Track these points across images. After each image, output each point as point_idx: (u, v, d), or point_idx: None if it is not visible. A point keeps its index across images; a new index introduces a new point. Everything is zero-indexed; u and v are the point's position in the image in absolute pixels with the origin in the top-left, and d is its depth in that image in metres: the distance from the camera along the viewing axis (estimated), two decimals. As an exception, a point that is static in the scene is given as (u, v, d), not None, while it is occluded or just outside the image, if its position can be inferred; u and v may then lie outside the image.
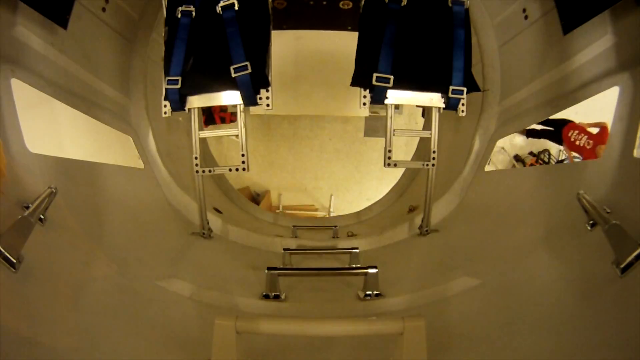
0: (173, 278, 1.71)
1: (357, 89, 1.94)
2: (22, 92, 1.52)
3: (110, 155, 2.54)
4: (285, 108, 4.66)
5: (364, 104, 1.91)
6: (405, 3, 1.89)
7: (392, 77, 1.84)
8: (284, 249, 2.06)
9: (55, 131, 3.32)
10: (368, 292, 1.64)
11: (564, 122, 3.34)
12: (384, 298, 1.63)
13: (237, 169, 2.05)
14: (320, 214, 6.14)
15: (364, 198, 5.96)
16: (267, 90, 1.95)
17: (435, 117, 2.03)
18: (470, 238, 1.96)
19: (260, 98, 1.95)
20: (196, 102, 2.00)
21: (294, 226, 2.72)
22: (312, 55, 3.90)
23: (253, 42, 1.92)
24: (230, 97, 1.96)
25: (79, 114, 1.97)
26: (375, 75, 1.84)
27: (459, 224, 2.19)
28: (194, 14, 1.99)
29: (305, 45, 3.80)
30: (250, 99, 1.92)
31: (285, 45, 3.71)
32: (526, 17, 2.12)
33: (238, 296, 1.64)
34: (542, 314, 1.26)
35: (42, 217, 1.27)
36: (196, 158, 2.06)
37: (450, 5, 1.94)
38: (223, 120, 5.03)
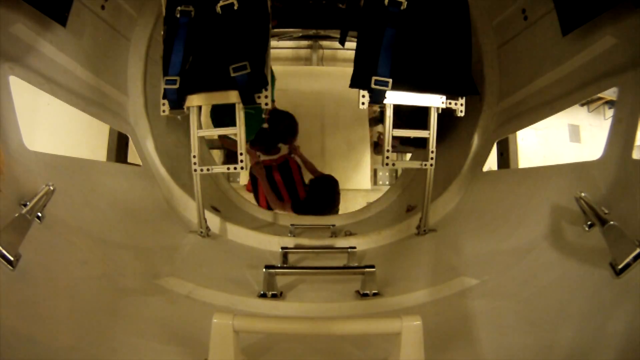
0: (171, 276, 1.71)
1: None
2: (21, 90, 1.52)
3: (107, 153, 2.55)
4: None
5: (363, 103, 1.91)
6: (405, 7, 1.89)
7: (390, 80, 1.84)
8: (282, 248, 2.07)
9: (53, 128, 3.32)
10: (366, 291, 1.64)
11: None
12: (381, 297, 1.63)
13: (235, 168, 2.05)
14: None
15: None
16: (266, 89, 1.95)
17: (433, 116, 2.03)
18: (469, 238, 1.97)
19: (259, 97, 1.95)
20: (195, 100, 2.00)
21: (292, 225, 2.73)
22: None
23: (252, 41, 1.92)
24: (229, 97, 1.96)
25: (77, 111, 1.97)
26: (374, 78, 1.84)
27: (457, 224, 2.19)
28: (193, 13, 1.99)
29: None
30: (248, 98, 1.92)
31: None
32: (526, 18, 2.12)
33: (236, 295, 1.64)
34: (540, 314, 1.27)
35: (39, 214, 1.27)
36: (194, 157, 2.06)
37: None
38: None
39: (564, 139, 7.67)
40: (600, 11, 1.58)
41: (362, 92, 1.91)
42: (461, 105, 2.02)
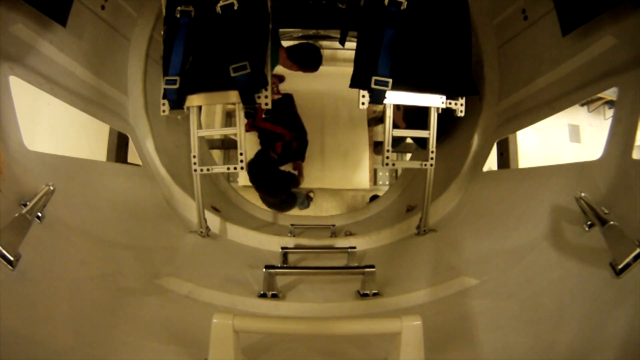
0: (170, 276, 1.71)
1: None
2: (21, 90, 1.52)
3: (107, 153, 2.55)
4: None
5: (363, 103, 1.91)
6: (405, 7, 1.89)
7: (390, 81, 1.84)
8: (282, 248, 2.07)
9: (53, 129, 3.32)
10: (366, 292, 1.64)
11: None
12: (381, 297, 1.63)
13: (235, 168, 2.05)
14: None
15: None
16: (266, 90, 1.95)
17: (433, 116, 2.03)
18: (468, 238, 1.96)
19: (259, 97, 1.95)
20: (195, 100, 2.00)
21: (292, 225, 2.73)
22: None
23: (252, 41, 1.92)
24: (229, 96, 1.96)
25: (77, 111, 1.97)
26: (374, 78, 1.84)
27: (457, 224, 2.19)
28: (192, 13, 1.99)
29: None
30: (248, 99, 1.92)
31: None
32: (526, 18, 2.12)
33: (236, 295, 1.65)
34: (540, 314, 1.27)
35: (39, 214, 1.27)
36: (194, 157, 2.06)
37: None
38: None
39: (564, 139, 7.66)
40: (600, 11, 1.57)
41: (362, 92, 1.91)
42: (461, 105, 2.02)
